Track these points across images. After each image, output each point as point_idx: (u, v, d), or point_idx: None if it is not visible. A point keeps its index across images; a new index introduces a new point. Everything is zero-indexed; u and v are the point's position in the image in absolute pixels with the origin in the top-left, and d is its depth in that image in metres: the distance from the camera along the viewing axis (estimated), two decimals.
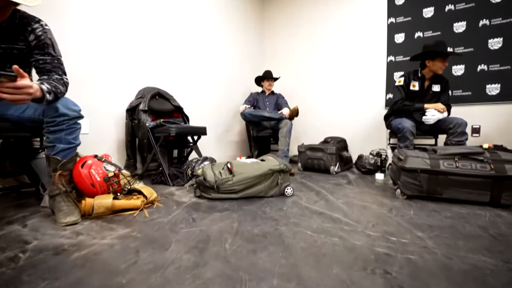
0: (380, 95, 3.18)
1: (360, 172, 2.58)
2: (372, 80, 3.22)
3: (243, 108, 2.86)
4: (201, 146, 2.91)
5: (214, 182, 1.48)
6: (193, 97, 2.95)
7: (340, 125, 3.48)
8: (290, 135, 2.72)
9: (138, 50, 2.39)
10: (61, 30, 1.75)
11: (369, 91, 3.25)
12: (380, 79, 3.17)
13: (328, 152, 2.51)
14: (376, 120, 3.21)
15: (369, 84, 3.25)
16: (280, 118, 2.78)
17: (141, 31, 2.41)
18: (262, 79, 3.34)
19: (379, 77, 3.17)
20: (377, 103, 3.20)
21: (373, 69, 3.21)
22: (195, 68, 2.96)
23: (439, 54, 2.19)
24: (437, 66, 2.23)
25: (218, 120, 3.31)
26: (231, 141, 3.56)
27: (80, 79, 1.94)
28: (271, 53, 4.14)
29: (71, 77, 1.29)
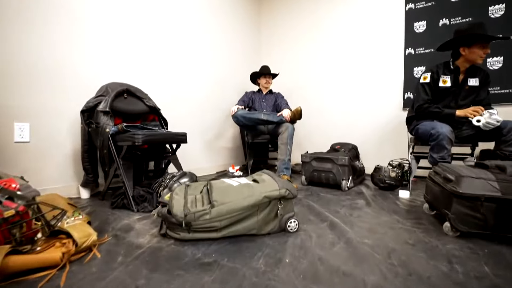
0: (396, 94, 2.71)
1: (377, 187, 2.11)
2: (387, 77, 2.76)
3: (235, 109, 2.39)
4: (185, 155, 2.45)
5: (182, 217, 1.00)
6: (175, 97, 2.48)
7: (349, 129, 3.01)
8: (291, 142, 2.25)
9: (104, 36, 1.92)
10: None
11: (383, 89, 2.79)
12: (396, 75, 2.70)
13: (339, 163, 2.03)
14: (392, 123, 2.74)
15: (383, 82, 2.78)
16: (280, 122, 2.31)
17: (107, 10, 1.94)
18: (259, 76, 2.87)
19: (395, 73, 2.71)
20: (393, 103, 2.73)
21: (388, 64, 2.75)
22: (178, 62, 2.49)
23: (478, 39, 1.73)
24: (476, 55, 1.77)
25: (206, 124, 2.84)
26: (223, 148, 3.09)
27: (13, 69, 1.46)
28: (268, 47, 3.68)
29: None
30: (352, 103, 2.99)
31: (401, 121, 2.68)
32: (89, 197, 1.77)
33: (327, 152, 2.32)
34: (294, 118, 2.31)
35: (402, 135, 2.67)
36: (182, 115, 2.55)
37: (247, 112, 2.36)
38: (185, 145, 2.50)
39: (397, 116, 2.70)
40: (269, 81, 2.84)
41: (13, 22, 1.49)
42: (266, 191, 1.08)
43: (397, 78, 2.70)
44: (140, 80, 2.17)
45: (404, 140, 2.64)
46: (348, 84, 3.01)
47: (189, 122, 2.63)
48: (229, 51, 3.15)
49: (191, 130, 2.65)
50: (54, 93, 1.67)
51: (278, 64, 3.44)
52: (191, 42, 2.64)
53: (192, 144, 2.66)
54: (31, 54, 1.56)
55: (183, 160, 2.55)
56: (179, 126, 2.49)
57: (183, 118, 2.55)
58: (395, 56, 2.70)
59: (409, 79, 2.60)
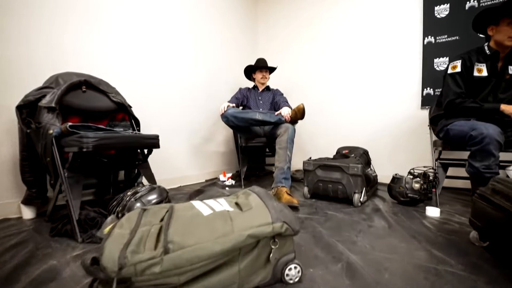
0: (413, 91, 2.33)
1: (396, 201, 1.73)
2: (402, 70, 2.39)
3: (224, 107, 2.01)
4: (167, 161, 2.08)
5: (115, 270, 0.62)
6: (157, 95, 2.11)
7: (357, 131, 2.63)
8: (292, 146, 1.87)
9: (57, 12, 1.55)
10: None
11: (398, 85, 2.41)
12: (413, 69, 2.33)
13: (350, 172, 1.65)
14: (408, 124, 2.36)
15: (397, 77, 2.41)
16: (278, 122, 1.94)
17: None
18: (254, 70, 2.50)
19: (412, 66, 2.33)
20: (409, 101, 2.35)
21: (403, 55, 2.37)
22: (160, 56, 2.12)
23: (507, 12, 1.39)
24: (503, 34, 1.44)
25: (194, 126, 2.47)
26: (213, 153, 2.71)
27: None
28: (266, 39, 3.32)
29: None
30: (361, 102, 2.61)
31: (419, 122, 2.30)
32: (34, 217, 1.39)
33: (335, 159, 1.94)
34: (295, 118, 1.94)
35: (421, 138, 2.29)
36: (165, 115, 2.18)
37: (239, 111, 1.98)
38: (168, 151, 2.14)
39: (415, 116, 2.33)
40: (266, 75, 2.47)
41: None
42: (251, 226, 0.70)
43: (414, 72, 2.32)
44: (106, 70, 1.80)
45: (424, 143, 2.26)
46: (356, 79, 2.63)
47: (173, 124, 2.26)
48: (221, 44, 2.79)
49: (176, 132, 2.28)
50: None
51: (277, 58, 3.07)
52: (176, 33, 2.27)
53: (176, 149, 2.29)
54: None
55: (165, 167, 2.18)
56: (161, 128, 2.12)
57: (166, 119, 2.18)
58: (412, 46, 2.32)
59: (429, 72, 2.23)
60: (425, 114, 2.27)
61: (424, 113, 2.28)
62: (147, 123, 2.03)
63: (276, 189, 1.72)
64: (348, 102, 2.68)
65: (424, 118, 2.27)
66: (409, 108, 2.35)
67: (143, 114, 1.99)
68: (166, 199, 1.26)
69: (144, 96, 2.04)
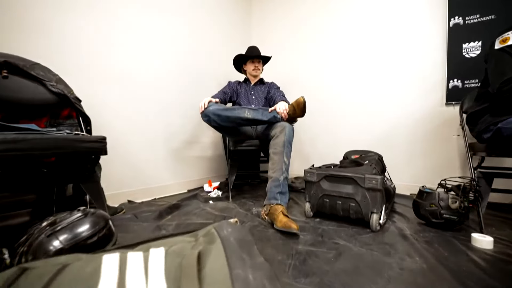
0: (436, 83, 1.94)
1: (423, 221, 1.34)
2: (421, 59, 1.99)
3: (205, 103, 1.61)
4: (141, 170, 1.70)
5: None
6: (127, 91, 1.71)
7: (367, 132, 2.23)
8: (289, 150, 1.48)
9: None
10: None
11: (416, 77, 2.02)
12: (435, 56, 1.94)
13: (366, 186, 1.25)
14: (430, 123, 1.97)
15: (416, 67, 2.02)
16: (272, 120, 1.54)
17: None
18: (245, 61, 2.11)
19: (434, 53, 1.94)
20: (432, 95, 1.96)
21: (423, 41, 1.98)
22: (132, 43, 1.73)
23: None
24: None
25: (174, 128, 2.07)
26: (198, 159, 2.31)
27: None
28: (260, 24, 2.92)
29: None
30: (372, 98, 2.21)
31: (444, 121, 1.91)
32: None
33: (343, 166, 1.54)
34: (293, 115, 1.54)
35: (446, 140, 1.89)
36: (136, 115, 1.78)
37: (223, 107, 1.58)
38: (140, 157, 1.76)
39: (438, 114, 1.93)
40: (259, 67, 2.08)
41: None
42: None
43: (437, 61, 1.93)
44: (42, 51, 1.40)
45: (449, 147, 1.87)
46: (367, 71, 2.24)
47: (147, 125, 1.86)
48: (208, 33, 2.40)
49: (150, 135, 1.89)
50: None
51: (273, 47, 2.68)
52: (149, 17, 1.88)
53: (151, 155, 1.89)
54: None
55: (137, 177, 1.78)
56: (130, 129, 1.73)
57: (137, 119, 1.79)
58: (434, 30, 1.93)
59: (457, 61, 1.84)
60: (451, 111, 1.88)
61: (449, 110, 1.88)
62: (111, 123, 1.64)
63: (269, 207, 1.32)
64: (357, 98, 2.28)
65: (450, 116, 1.88)
66: (431, 104, 1.96)
67: (104, 112, 1.60)
68: (105, 230, 0.86)
69: (108, 91, 1.64)
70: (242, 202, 1.79)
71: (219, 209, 1.59)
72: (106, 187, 1.63)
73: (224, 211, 1.55)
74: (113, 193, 1.66)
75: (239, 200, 1.84)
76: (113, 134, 1.64)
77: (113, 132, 1.66)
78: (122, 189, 1.72)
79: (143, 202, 1.76)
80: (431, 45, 1.94)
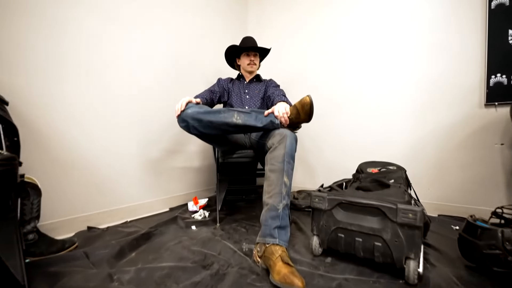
0: (472, 79, 1.57)
1: (473, 264, 0.97)
2: (453, 50, 1.63)
3: (182, 105, 1.25)
4: (107, 186, 1.36)
5: None
6: (81, 82, 1.36)
7: (384, 139, 1.87)
8: (291, 167, 1.12)
9: None
10: None
11: (446, 72, 1.65)
12: (471, 47, 1.57)
13: (400, 220, 0.89)
14: (465, 128, 1.60)
15: (445, 61, 1.65)
16: (269, 127, 1.19)
17: None
18: (238, 54, 1.76)
19: (470, 43, 1.57)
20: (467, 95, 1.59)
21: (455, 28, 1.62)
22: (90, 26, 1.38)
23: None
24: None
25: (152, 135, 1.72)
26: (183, 170, 1.95)
27: None
28: (257, 13, 2.57)
29: None
30: (391, 97, 1.85)
31: (483, 125, 1.54)
32: None
33: (363, 187, 1.18)
34: (297, 119, 1.18)
35: (488, 150, 1.52)
36: (103, 119, 1.43)
37: (206, 110, 1.22)
38: (107, 171, 1.43)
39: (476, 117, 1.56)
40: (255, 61, 1.73)
41: None
42: None
43: (473, 53, 1.57)
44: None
45: (492, 159, 1.50)
46: (385, 67, 1.88)
47: (118, 132, 1.51)
48: (196, 23, 2.05)
49: (123, 144, 1.54)
50: None
51: (271, 39, 2.33)
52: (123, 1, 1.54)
53: (124, 168, 1.55)
54: None
55: (105, 195, 1.43)
56: (96, 138, 1.39)
57: (105, 125, 1.44)
58: (470, 14, 1.57)
59: (500, 51, 1.48)
60: (492, 113, 1.51)
61: (491, 112, 1.52)
62: (69, 130, 1.29)
63: (263, 247, 0.96)
64: (373, 99, 1.92)
65: (491, 119, 1.51)
66: (466, 106, 1.59)
67: (59, 116, 1.25)
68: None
69: (67, 90, 1.30)
70: (233, 227, 1.44)
71: (201, 242, 1.23)
72: (59, 211, 1.29)
73: (206, 245, 1.19)
74: (69, 218, 1.32)
75: (229, 224, 1.49)
76: (71, 144, 1.30)
77: (71, 141, 1.31)
78: (83, 212, 1.37)
79: (108, 228, 1.41)
80: (467, 35, 1.58)
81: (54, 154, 1.26)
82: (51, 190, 1.24)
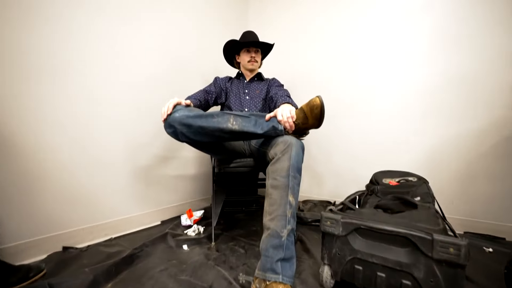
0: (500, 79, 1.37)
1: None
2: (478, 48, 1.43)
3: (169, 108, 1.06)
4: (89, 199, 1.18)
5: None
6: (58, 79, 1.19)
7: (402, 143, 1.67)
8: (298, 182, 0.93)
9: None
10: None
11: (470, 71, 1.45)
12: (499, 43, 1.37)
13: (437, 256, 0.70)
14: (501, 133, 1.40)
15: (469, 57, 1.45)
16: (271, 133, 1.01)
17: None
18: (238, 50, 1.59)
19: (498, 38, 1.38)
20: (493, 97, 1.39)
21: (479, 22, 1.42)
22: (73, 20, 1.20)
23: None
24: None
25: (142, 139, 1.54)
26: (178, 178, 1.77)
27: None
28: (259, 8, 2.39)
29: None
30: (406, 97, 1.65)
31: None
32: None
33: (383, 205, 0.99)
34: (304, 125, 1.00)
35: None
36: (84, 123, 1.26)
37: (196, 113, 1.03)
38: (90, 183, 1.26)
39: (508, 121, 1.36)
40: (257, 58, 1.55)
41: None
42: None
43: (502, 48, 1.36)
44: None
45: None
46: (399, 61, 1.68)
47: (101, 137, 1.34)
48: (193, 17, 1.88)
49: (108, 150, 1.36)
50: None
51: (275, 34, 2.14)
52: None
53: (108, 178, 1.38)
54: None
55: (87, 209, 1.25)
56: (76, 144, 1.22)
57: (86, 129, 1.27)
58: (500, 4, 1.37)
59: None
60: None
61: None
62: (43, 136, 1.13)
63: (263, 284, 0.78)
64: (388, 99, 1.73)
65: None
66: (495, 108, 1.40)
67: (31, 118, 1.08)
68: None
69: (42, 89, 1.13)
70: (230, 247, 1.26)
71: (191, 268, 1.05)
72: (30, 230, 1.12)
73: (197, 273, 1.01)
74: (41, 238, 1.15)
75: (226, 243, 1.31)
76: (44, 151, 1.13)
77: (44, 147, 1.14)
78: (58, 230, 1.20)
79: (88, 248, 1.24)
80: (493, 25, 1.38)
81: (23, 162, 1.09)
82: (21, 206, 1.07)
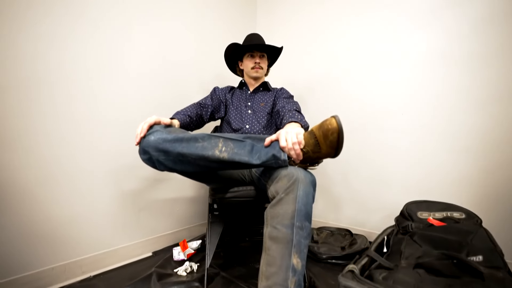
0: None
1: None
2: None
3: (143, 129, 0.84)
4: (65, 229, 0.99)
5: None
6: (24, 86, 1.01)
7: (441, 168, 1.36)
8: (306, 234, 0.67)
9: None
10: None
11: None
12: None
13: None
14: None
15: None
16: (271, 164, 0.75)
17: None
18: (241, 55, 1.37)
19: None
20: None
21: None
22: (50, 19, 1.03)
23: None
24: None
25: (127, 159, 1.34)
26: (173, 202, 1.56)
27: None
28: (267, 8, 2.16)
29: None
30: (449, 109, 1.35)
31: None
32: None
33: (429, 267, 0.71)
34: (316, 153, 0.75)
35: None
36: (57, 141, 1.08)
37: (175, 136, 0.79)
38: (64, 213, 1.06)
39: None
40: (262, 64, 1.32)
41: None
42: None
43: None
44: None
45: None
46: (440, 65, 1.39)
47: (79, 156, 1.15)
48: (194, 18, 1.69)
49: (88, 170, 1.17)
50: None
51: (284, 38, 1.90)
52: None
53: (87, 205, 1.19)
54: None
55: (63, 242, 1.06)
56: (47, 166, 1.04)
57: (59, 149, 1.09)
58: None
59: None
60: None
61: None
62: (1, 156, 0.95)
63: None
64: (424, 110, 1.43)
65: None
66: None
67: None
68: None
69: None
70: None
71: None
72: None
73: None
74: (5, 281, 0.96)
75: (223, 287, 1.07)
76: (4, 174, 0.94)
77: (5, 168, 0.96)
78: (22, 272, 1.01)
79: (66, 286, 1.04)
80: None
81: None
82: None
